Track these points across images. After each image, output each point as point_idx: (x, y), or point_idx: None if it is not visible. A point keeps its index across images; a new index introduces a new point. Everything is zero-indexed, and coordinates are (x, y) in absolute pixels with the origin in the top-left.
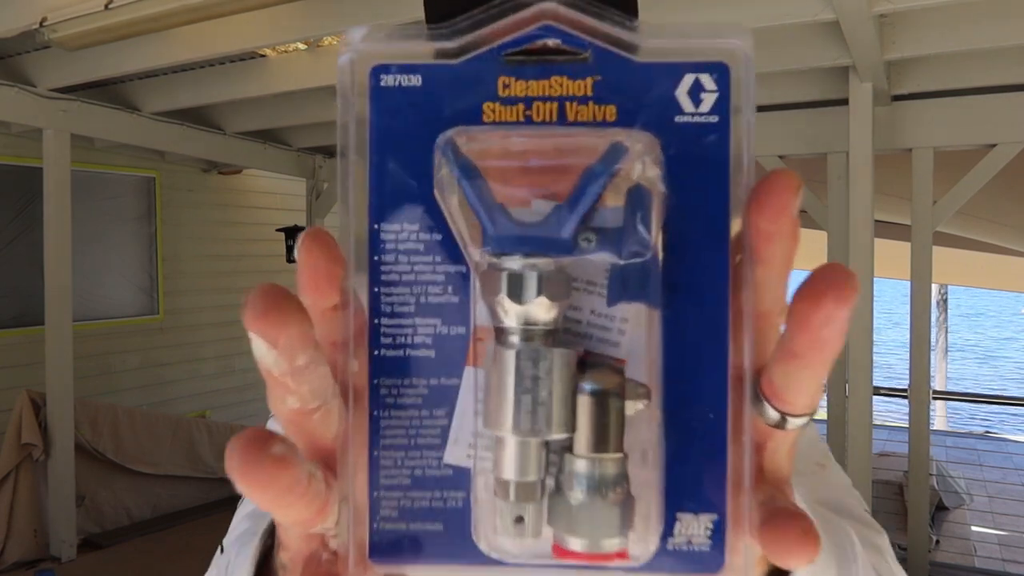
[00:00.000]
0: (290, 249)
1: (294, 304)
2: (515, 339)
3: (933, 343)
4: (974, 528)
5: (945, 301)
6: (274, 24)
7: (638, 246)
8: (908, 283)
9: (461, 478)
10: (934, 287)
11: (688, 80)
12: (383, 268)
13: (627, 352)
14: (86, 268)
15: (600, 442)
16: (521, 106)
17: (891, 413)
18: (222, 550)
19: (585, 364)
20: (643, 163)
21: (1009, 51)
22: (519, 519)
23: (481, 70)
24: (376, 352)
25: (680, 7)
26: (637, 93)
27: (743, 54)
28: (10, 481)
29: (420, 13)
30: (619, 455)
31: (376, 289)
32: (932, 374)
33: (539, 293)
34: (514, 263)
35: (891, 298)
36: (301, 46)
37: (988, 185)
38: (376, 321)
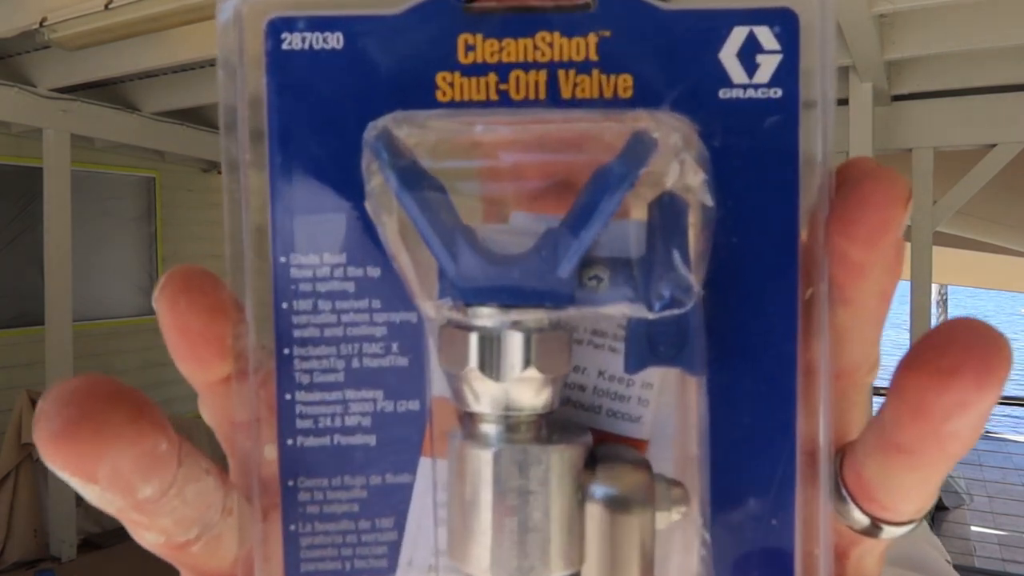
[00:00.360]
0: None
1: (121, 410)
2: (491, 432)
3: None
4: (974, 528)
5: (945, 301)
6: None
7: (672, 288)
8: (908, 283)
9: None
10: (934, 287)
11: (738, 36)
12: (295, 319)
13: (651, 432)
14: (86, 268)
15: (616, 570)
16: (493, 77)
17: None
18: None
19: (594, 454)
20: (680, 162)
21: (1009, 51)
22: None
23: (432, 24)
24: (290, 441)
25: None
26: (664, 56)
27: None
28: (10, 481)
29: None
30: None
31: (286, 350)
32: None
33: (526, 365)
34: (488, 319)
35: (894, 298)
36: None
37: (988, 185)
38: (288, 396)
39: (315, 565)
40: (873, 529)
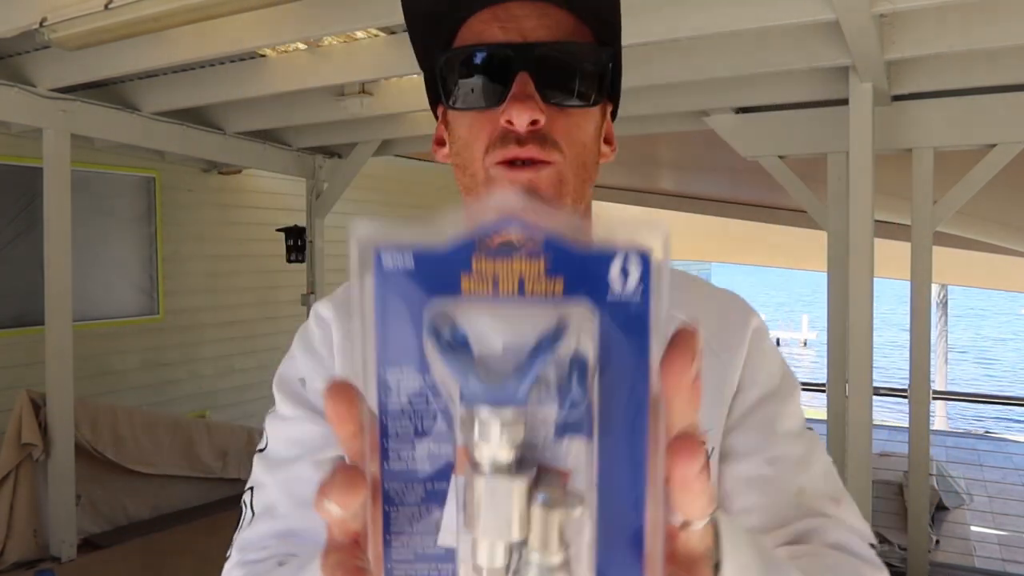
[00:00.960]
0: (290, 249)
1: (360, 479)
2: (486, 468)
3: (933, 343)
4: (974, 528)
5: (945, 301)
6: (274, 24)
7: (574, 401)
8: (908, 283)
9: (450, 555)
10: (934, 287)
11: (619, 262)
12: (390, 402)
13: (573, 466)
14: (86, 268)
15: (548, 541)
16: (490, 280)
17: (890, 412)
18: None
19: (539, 477)
20: (579, 335)
21: (1009, 51)
22: None
23: (462, 252)
24: (386, 464)
25: (682, 7)
26: (580, 271)
27: (663, 244)
28: (10, 481)
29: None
30: (562, 552)
31: (384, 420)
32: (932, 375)
33: (501, 437)
34: (484, 414)
35: (890, 298)
36: (301, 46)
37: (988, 185)
38: (385, 443)
39: (398, 528)
40: (685, 524)
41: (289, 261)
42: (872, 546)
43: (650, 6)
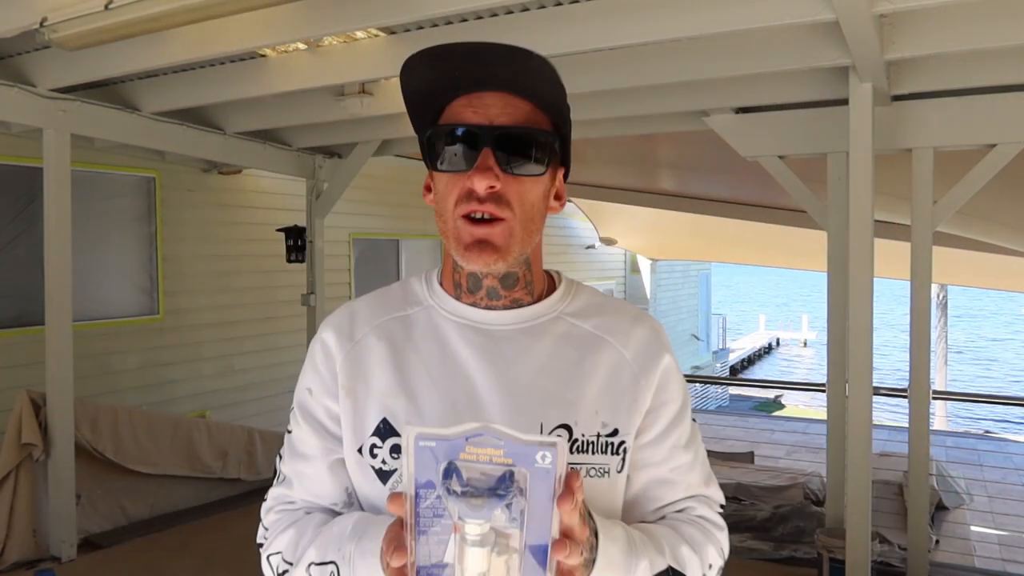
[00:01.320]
0: (290, 249)
1: (401, 540)
2: (469, 540)
3: (933, 343)
4: (974, 528)
5: (945, 301)
6: (274, 24)
7: (513, 512)
8: (908, 283)
9: (448, 567)
10: (934, 287)
11: (541, 452)
12: (420, 505)
13: (512, 537)
14: (86, 268)
15: (498, 571)
16: (476, 454)
17: (889, 412)
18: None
19: (496, 541)
20: (519, 483)
21: (1009, 51)
22: None
23: (460, 441)
24: (418, 527)
25: (682, 7)
26: (520, 454)
27: (562, 447)
28: (10, 481)
29: (414, 15)
30: None
31: (417, 510)
32: (932, 375)
33: (483, 545)
34: (467, 525)
35: (888, 298)
36: (301, 46)
37: (988, 185)
38: (417, 521)
39: (420, 557)
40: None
41: (289, 261)
42: (722, 506)
43: (650, 6)
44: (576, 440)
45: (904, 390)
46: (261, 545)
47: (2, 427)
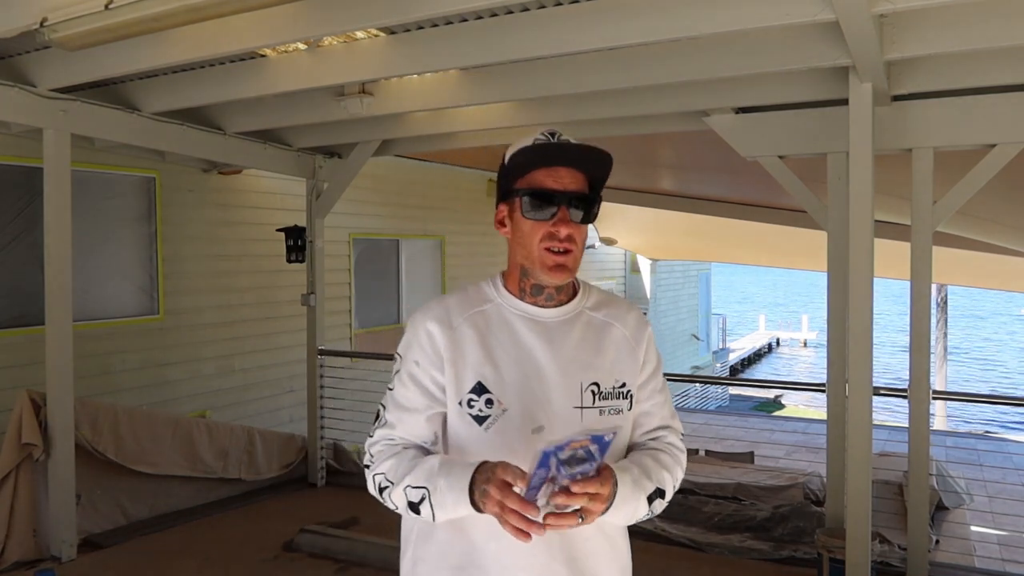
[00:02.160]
0: (290, 249)
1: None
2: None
3: (933, 343)
4: (974, 528)
5: (945, 301)
6: (274, 24)
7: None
8: (908, 283)
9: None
10: (934, 287)
11: (608, 435)
12: (534, 476)
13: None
14: (86, 268)
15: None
16: (576, 448)
17: (889, 412)
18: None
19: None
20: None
21: (1009, 51)
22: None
23: (563, 444)
24: (533, 485)
25: (682, 7)
26: (597, 440)
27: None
28: (10, 481)
29: (414, 15)
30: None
31: (532, 478)
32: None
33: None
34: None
35: (884, 298)
36: (301, 46)
37: (988, 185)
38: (533, 483)
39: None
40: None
41: (289, 261)
42: (682, 436)
43: (650, 6)
44: (602, 391)
45: (904, 390)
46: (367, 467)
47: (2, 427)
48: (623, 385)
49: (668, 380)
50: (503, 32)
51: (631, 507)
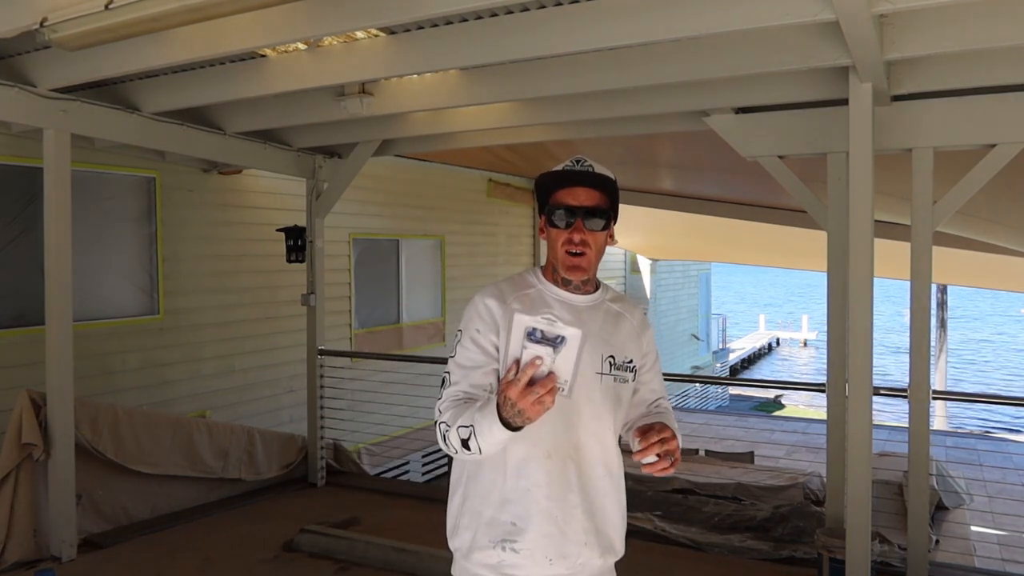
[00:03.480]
0: (290, 249)
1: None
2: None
3: (933, 343)
4: (974, 528)
5: (945, 301)
6: (274, 24)
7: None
8: (908, 283)
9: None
10: (934, 287)
11: (572, 331)
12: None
13: None
14: (86, 268)
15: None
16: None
17: (889, 412)
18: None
19: None
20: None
21: (1009, 51)
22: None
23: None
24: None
25: (682, 7)
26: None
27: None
28: (10, 481)
29: (414, 15)
30: None
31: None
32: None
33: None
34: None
35: (880, 298)
36: (301, 46)
37: (988, 185)
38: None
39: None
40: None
41: (289, 261)
42: (668, 409)
43: (650, 6)
44: (616, 363)
45: (904, 390)
46: (436, 424)
47: (2, 427)
48: (630, 361)
49: (668, 380)
50: (503, 32)
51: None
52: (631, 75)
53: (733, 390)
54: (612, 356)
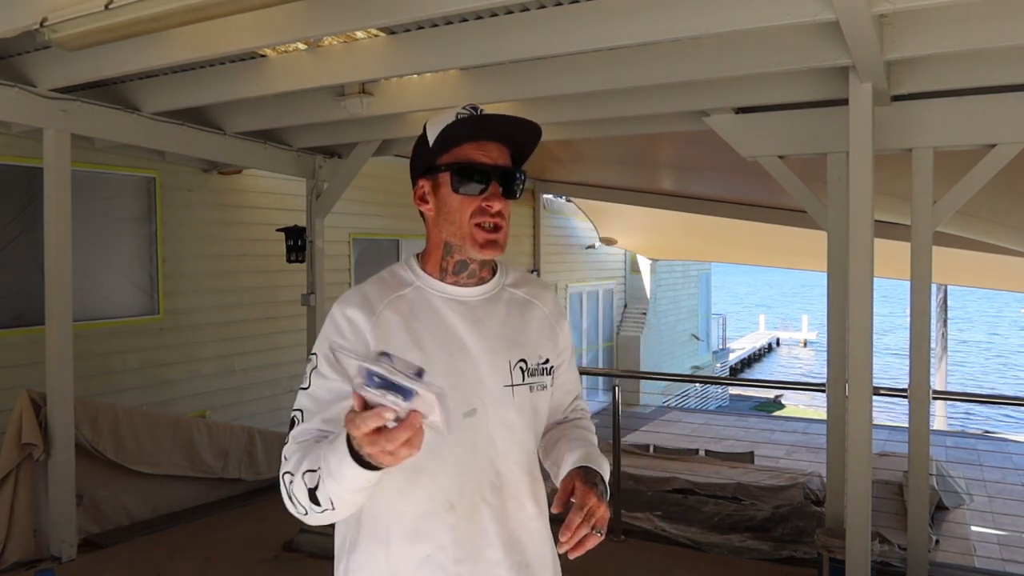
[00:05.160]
0: (290, 249)
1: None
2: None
3: (933, 343)
4: (974, 528)
5: (945, 301)
6: (274, 24)
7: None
8: (908, 283)
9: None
10: (934, 287)
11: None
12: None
13: None
14: (86, 268)
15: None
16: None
17: (889, 412)
18: (286, 459)
19: None
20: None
21: (1009, 51)
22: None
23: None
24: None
25: (681, 7)
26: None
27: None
28: (10, 481)
29: (414, 15)
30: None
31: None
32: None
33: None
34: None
35: (878, 299)
36: (301, 46)
37: (988, 185)
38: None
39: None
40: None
41: (289, 261)
42: (584, 410)
43: (650, 6)
44: (529, 367)
45: (904, 390)
46: (282, 473)
47: (2, 427)
48: (546, 361)
49: (667, 380)
50: (503, 32)
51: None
52: (631, 75)
53: (733, 390)
54: (523, 360)
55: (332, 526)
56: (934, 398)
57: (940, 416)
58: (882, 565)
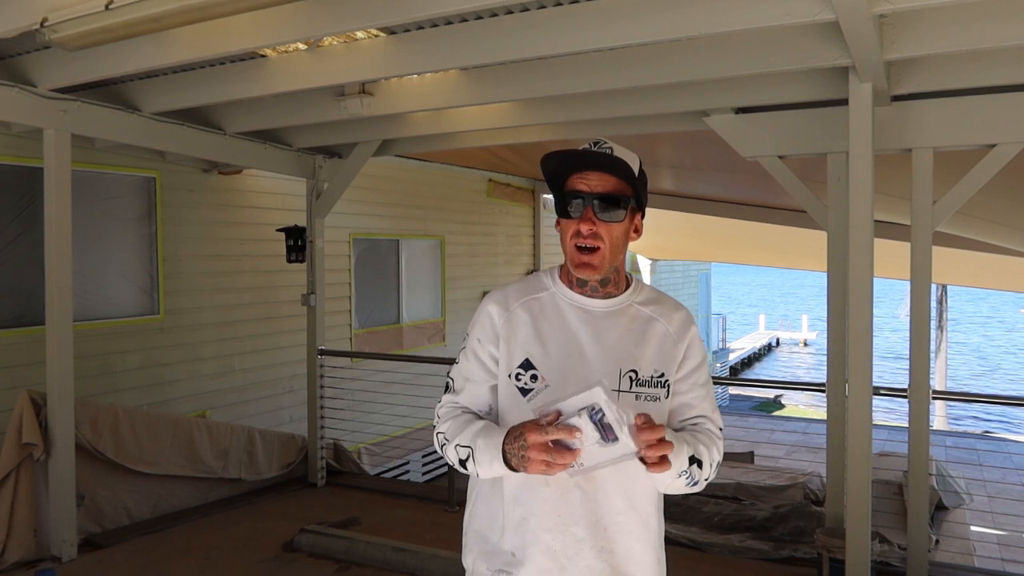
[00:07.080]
0: (290, 249)
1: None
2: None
3: (933, 343)
4: (974, 528)
5: (945, 301)
6: (274, 24)
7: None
8: (908, 283)
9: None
10: (934, 287)
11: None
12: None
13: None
14: (86, 268)
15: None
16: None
17: (889, 412)
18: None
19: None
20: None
21: (1009, 51)
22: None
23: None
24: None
25: (682, 7)
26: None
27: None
28: (10, 481)
29: (414, 15)
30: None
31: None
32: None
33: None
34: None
35: (879, 297)
36: (301, 46)
37: (988, 185)
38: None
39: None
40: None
41: (289, 261)
42: (720, 429)
43: (650, 6)
44: (640, 378)
45: (904, 390)
46: (435, 426)
47: (2, 427)
48: (661, 375)
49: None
50: (503, 32)
51: (676, 464)
52: (631, 75)
53: (733, 390)
54: (634, 370)
55: (331, 525)
56: (934, 398)
57: (940, 416)
58: (882, 565)
